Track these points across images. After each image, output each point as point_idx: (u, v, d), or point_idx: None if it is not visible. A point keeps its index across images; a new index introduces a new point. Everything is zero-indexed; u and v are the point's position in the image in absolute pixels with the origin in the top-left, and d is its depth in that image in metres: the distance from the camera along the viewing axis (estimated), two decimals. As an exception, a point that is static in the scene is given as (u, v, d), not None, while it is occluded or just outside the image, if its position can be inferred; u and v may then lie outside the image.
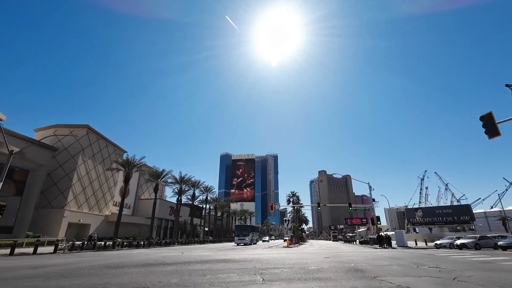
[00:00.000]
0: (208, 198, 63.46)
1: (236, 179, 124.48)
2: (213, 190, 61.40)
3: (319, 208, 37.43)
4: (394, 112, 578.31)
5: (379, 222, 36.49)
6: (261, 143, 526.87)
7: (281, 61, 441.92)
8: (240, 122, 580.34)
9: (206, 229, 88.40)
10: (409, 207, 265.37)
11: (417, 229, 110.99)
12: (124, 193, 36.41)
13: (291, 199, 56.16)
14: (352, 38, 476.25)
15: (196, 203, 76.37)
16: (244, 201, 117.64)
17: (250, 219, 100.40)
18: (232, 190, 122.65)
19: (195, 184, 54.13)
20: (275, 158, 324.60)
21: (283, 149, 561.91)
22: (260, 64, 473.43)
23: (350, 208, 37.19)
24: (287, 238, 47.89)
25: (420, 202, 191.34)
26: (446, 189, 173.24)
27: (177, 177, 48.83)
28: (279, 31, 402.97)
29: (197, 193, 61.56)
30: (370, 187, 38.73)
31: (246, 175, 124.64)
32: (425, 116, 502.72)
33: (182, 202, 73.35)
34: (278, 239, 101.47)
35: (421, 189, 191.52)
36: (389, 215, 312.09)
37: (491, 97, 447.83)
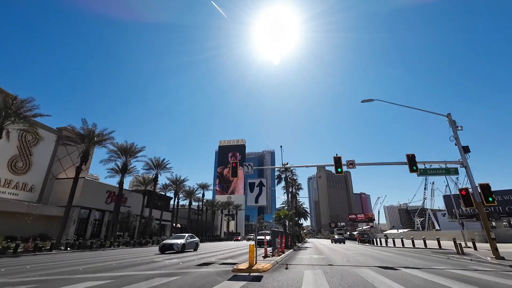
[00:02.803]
0: (164, 180, 40.79)
1: (222, 168, 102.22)
2: (167, 165, 38.88)
3: (339, 170, 15.26)
4: (392, 107, 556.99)
5: (490, 199, 14.06)
6: (259, 140, 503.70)
7: (281, 60, 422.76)
8: (240, 121, 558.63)
9: (178, 225, 65.87)
10: (412, 205, 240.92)
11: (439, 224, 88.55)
12: None
13: (283, 176, 33.89)
14: (349, 33, 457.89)
15: (162, 191, 54.24)
16: (232, 193, 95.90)
17: (236, 213, 77.87)
18: (218, 180, 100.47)
19: (127, 150, 31.58)
20: (272, 154, 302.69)
21: (280, 145, 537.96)
22: (260, 63, 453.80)
23: (414, 168, 15.06)
24: (262, 238, 20.33)
25: (424, 198, 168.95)
26: (455, 183, 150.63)
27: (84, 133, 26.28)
28: (279, 31, 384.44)
29: (143, 169, 39.34)
30: (453, 122, 16.48)
31: (235, 164, 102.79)
32: (424, 111, 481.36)
33: (137, 189, 51.09)
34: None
35: (426, 184, 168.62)
36: (390, 213, 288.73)
37: (490, 91, 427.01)
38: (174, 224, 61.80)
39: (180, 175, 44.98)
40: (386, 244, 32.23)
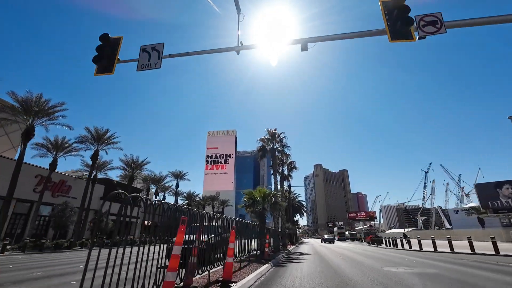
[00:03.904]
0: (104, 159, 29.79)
1: (209, 158, 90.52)
2: (112, 138, 27.59)
3: (404, 30, 3.66)
4: (389, 106, 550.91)
5: None
6: (256, 138, 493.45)
7: (279, 60, 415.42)
8: (238, 120, 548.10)
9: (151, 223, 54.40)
10: (409, 204, 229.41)
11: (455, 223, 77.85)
12: None
13: (268, 147, 22.70)
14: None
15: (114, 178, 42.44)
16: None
17: (223, 210, 66.60)
18: (206, 172, 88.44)
19: (29, 107, 20.22)
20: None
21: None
22: (258, 63, 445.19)
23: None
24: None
25: (424, 197, 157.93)
26: (459, 180, 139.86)
27: None
28: (277, 31, 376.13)
29: (76, 142, 27.87)
30: None
31: (224, 154, 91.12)
32: (422, 110, 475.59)
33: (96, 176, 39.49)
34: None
35: (425, 183, 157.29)
36: (387, 212, 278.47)
37: (488, 89, 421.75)
38: (146, 222, 50.59)
39: (138, 156, 33.62)
40: (420, 247, 21.13)
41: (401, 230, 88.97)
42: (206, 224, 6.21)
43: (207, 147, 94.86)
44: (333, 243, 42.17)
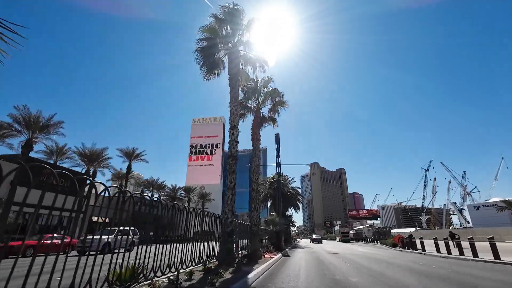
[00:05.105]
0: None
1: (193, 148, 78.49)
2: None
3: None
4: (386, 106, 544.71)
5: None
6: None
7: (277, 60, 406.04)
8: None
9: (102, 219, 42.08)
10: (408, 204, 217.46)
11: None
12: None
13: (218, 40, 10.02)
14: (344, 34, 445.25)
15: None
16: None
17: (203, 205, 54.56)
18: (190, 163, 76.21)
19: None
20: (264, 151, 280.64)
21: (273, 143, 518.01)
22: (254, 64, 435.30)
23: None
24: None
25: (424, 196, 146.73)
26: (463, 177, 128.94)
27: None
28: (275, 31, 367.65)
29: None
30: None
31: (210, 144, 79.34)
32: (420, 109, 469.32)
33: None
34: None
35: (425, 182, 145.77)
36: (385, 212, 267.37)
37: (483, 90, 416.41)
38: (102, 219, 38.40)
39: (40, 110, 20.84)
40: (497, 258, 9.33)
41: (408, 230, 77.60)
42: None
43: (191, 136, 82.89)
44: (321, 243, 40.68)
